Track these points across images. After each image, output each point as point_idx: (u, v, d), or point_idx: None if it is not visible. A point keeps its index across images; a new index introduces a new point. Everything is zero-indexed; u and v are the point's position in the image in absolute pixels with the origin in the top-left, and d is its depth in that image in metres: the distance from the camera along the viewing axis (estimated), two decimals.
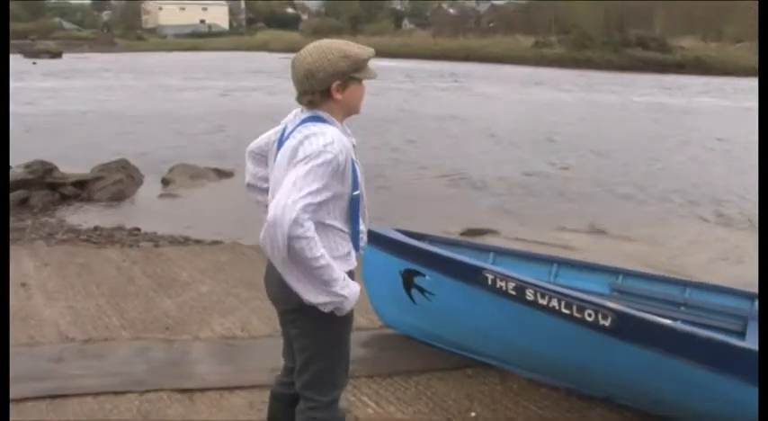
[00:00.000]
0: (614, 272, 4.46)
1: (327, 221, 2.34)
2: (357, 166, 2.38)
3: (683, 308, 4.19)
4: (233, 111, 20.96)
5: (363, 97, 2.45)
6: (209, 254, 6.51)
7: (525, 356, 3.71)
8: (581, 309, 3.22)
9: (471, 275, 3.57)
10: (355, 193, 2.37)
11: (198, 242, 7.25)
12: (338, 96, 2.33)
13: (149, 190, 10.44)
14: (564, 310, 3.27)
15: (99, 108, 21.19)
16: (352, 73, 2.33)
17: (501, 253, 4.63)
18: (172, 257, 6.27)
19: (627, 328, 3.13)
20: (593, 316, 3.19)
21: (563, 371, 3.62)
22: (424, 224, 7.63)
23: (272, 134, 2.52)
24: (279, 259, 2.18)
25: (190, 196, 10.13)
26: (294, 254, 2.16)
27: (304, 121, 2.34)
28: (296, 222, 2.11)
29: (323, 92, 2.33)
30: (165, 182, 10.76)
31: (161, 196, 10.11)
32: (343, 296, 2.29)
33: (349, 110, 2.41)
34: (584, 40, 53.85)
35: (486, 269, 3.56)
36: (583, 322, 3.22)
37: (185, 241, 7.27)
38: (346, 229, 2.41)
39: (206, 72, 40.11)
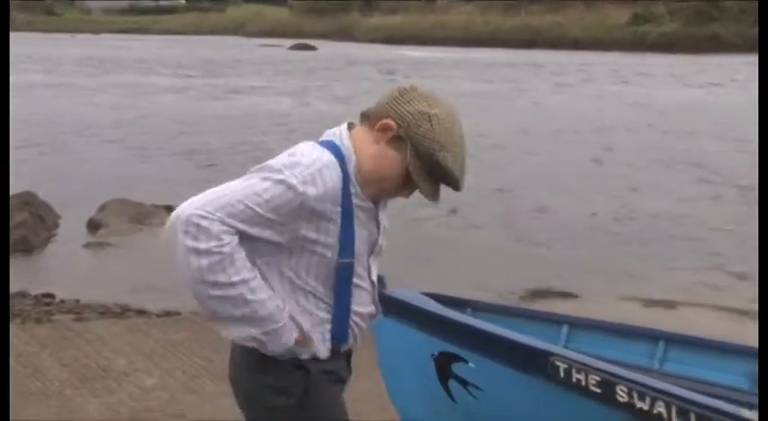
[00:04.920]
0: (755, 355, 4.39)
1: (296, 281, 2.42)
2: (357, 230, 2.45)
3: None
4: (193, 119, 21.41)
5: (396, 184, 2.46)
6: (157, 330, 6.57)
7: None
8: (703, 420, 3.20)
9: (534, 362, 3.57)
10: (344, 261, 2.44)
11: (141, 313, 7.31)
12: (377, 142, 2.42)
13: (69, 237, 10.54)
14: (676, 420, 3.25)
15: None
16: (414, 139, 2.38)
17: (579, 325, 4.61)
18: (102, 336, 6.32)
19: None
20: None
21: None
22: (465, 284, 7.64)
23: None
24: (185, 283, 2.32)
25: (130, 246, 10.21)
26: (198, 278, 2.27)
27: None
28: (200, 228, 2.21)
29: (370, 119, 2.44)
30: (94, 225, 10.86)
31: (87, 246, 10.21)
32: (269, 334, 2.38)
33: (373, 177, 2.44)
34: (710, 10, 53.54)
35: (555, 354, 3.55)
36: None
37: (123, 312, 7.32)
38: (327, 300, 2.48)
39: (153, 64, 40.73)
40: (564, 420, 3.60)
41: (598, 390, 3.41)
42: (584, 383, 3.44)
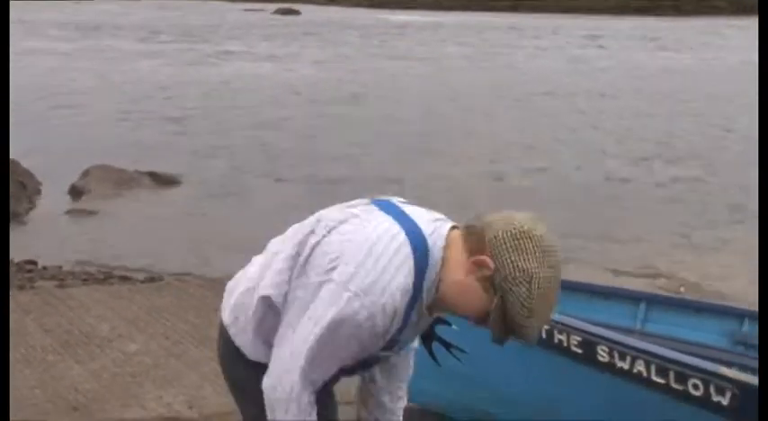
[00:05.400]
0: (737, 314, 4.41)
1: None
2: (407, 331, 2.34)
3: None
4: (175, 85, 21.27)
5: (469, 316, 2.25)
6: (140, 296, 6.53)
7: None
8: (682, 379, 3.19)
9: None
10: (383, 354, 2.41)
11: (124, 279, 7.28)
12: (468, 273, 2.16)
13: (51, 204, 10.50)
14: (655, 378, 3.25)
15: None
16: (506, 295, 2.12)
17: (561, 288, 4.62)
18: (84, 302, 6.28)
19: (754, 410, 3.08)
20: (700, 389, 3.15)
21: None
22: None
23: None
24: None
25: (113, 213, 10.17)
26: None
27: (393, 210, 2.24)
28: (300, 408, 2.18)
29: (471, 237, 2.16)
30: (76, 191, 10.83)
31: (69, 213, 10.16)
32: None
33: (448, 302, 2.25)
34: None
35: None
36: (685, 397, 3.18)
37: (106, 278, 7.31)
38: None
39: (134, 29, 40.40)
40: (547, 381, 3.61)
41: (580, 351, 3.43)
42: (566, 344, 3.45)
